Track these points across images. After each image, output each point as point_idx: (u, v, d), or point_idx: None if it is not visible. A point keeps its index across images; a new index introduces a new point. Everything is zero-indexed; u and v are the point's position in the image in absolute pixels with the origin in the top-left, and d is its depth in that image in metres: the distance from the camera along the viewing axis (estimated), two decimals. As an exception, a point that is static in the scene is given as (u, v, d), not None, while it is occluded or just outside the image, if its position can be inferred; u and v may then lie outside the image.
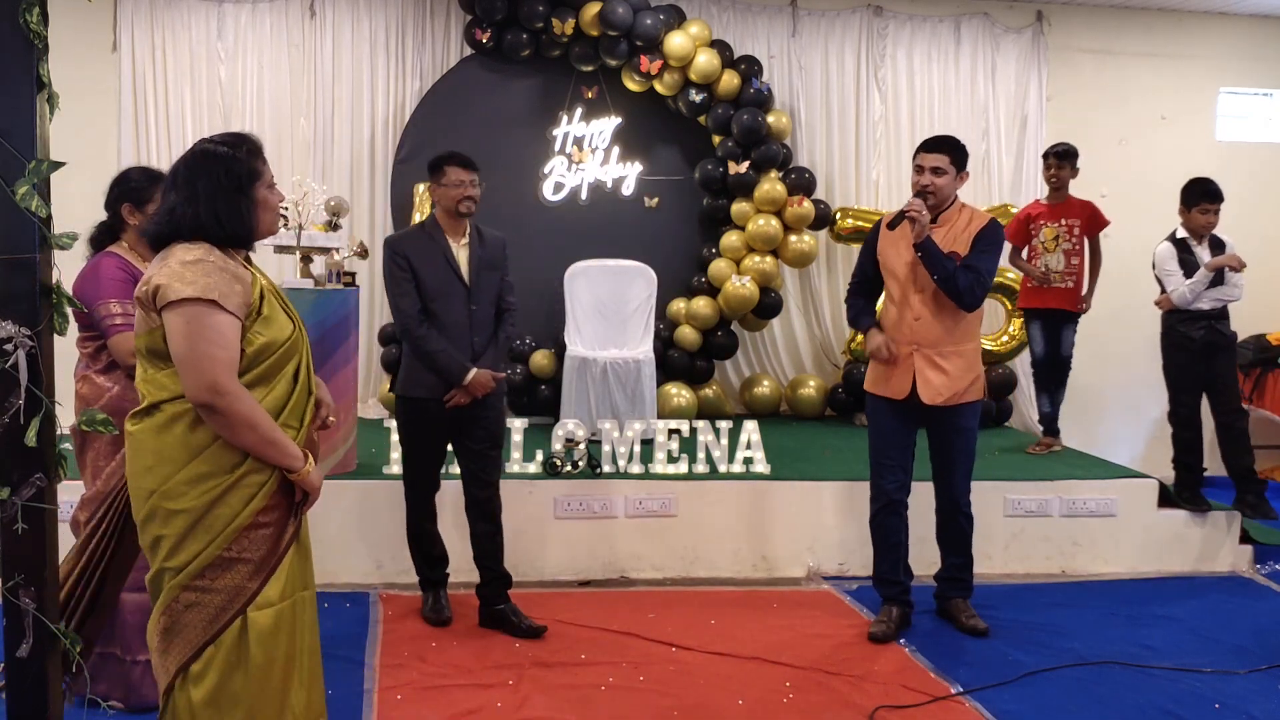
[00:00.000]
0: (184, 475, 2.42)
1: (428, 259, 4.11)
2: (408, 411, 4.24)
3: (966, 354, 4.21)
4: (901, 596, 4.39)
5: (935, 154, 4.13)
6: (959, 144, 4.21)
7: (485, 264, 4.18)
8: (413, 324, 4.08)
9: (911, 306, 4.15)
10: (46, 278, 2.33)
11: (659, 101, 6.88)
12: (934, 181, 4.10)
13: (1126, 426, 7.59)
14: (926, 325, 4.14)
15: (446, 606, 4.34)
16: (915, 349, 4.15)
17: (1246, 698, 3.82)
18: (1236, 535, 5.41)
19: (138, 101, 6.66)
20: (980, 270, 4.08)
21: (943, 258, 4.05)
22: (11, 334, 2.20)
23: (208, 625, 2.45)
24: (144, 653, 3.29)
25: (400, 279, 4.10)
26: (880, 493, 4.33)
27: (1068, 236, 5.91)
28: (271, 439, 2.46)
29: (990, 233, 4.15)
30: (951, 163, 4.12)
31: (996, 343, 6.99)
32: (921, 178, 4.13)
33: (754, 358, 7.30)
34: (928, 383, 4.14)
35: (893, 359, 4.18)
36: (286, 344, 2.54)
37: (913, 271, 4.14)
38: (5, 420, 2.22)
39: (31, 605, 2.30)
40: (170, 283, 2.38)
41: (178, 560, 2.43)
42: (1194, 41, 7.58)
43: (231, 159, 2.51)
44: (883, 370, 4.24)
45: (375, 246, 6.77)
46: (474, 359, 4.11)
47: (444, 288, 4.11)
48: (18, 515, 2.27)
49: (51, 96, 2.30)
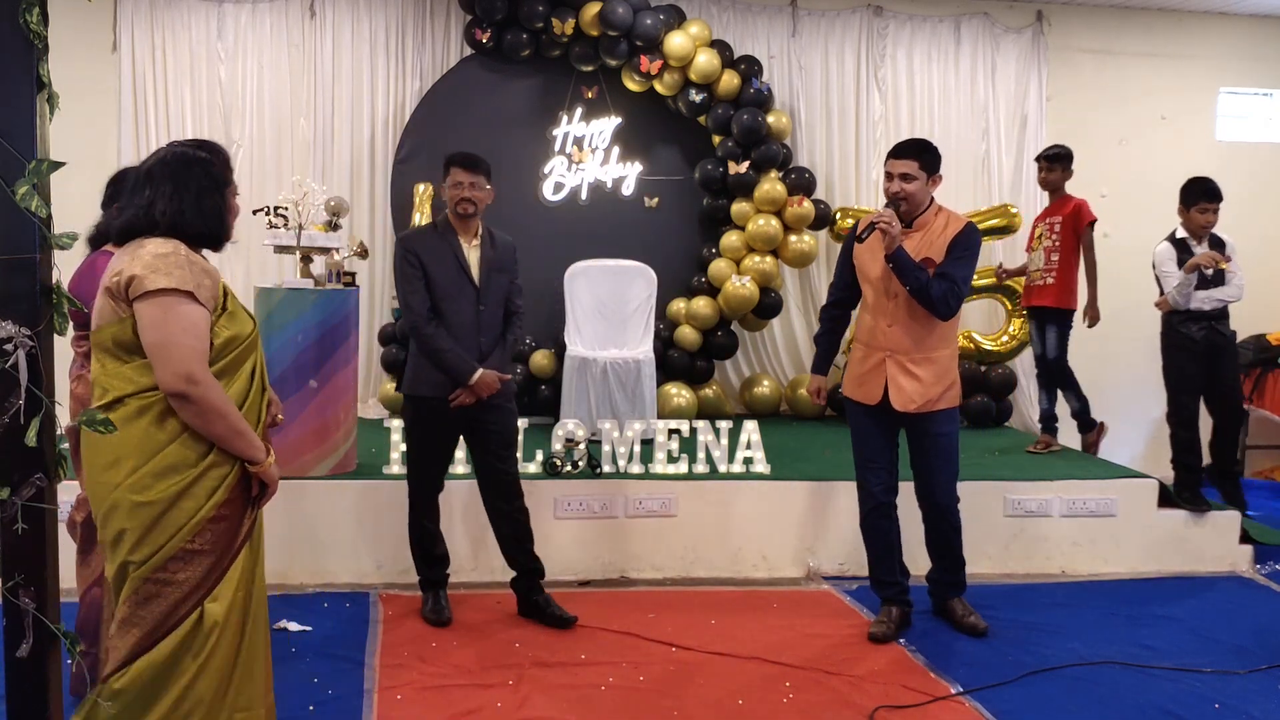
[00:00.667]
0: (150, 468, 2.47)
1: (439, 258, 4.12)
2: (414, 410, 4.25)
3: (940, 360, 4.16)
4: (900, 596, 4.38)
5: (903, 160, 4.06)
6: (928, 147, 4.13)
7: (495, 266, 4.20)
8: (421, 322, 4.10)
9: (885, 313, 4.13)
10: (46, 278, 2.33)
11: (659, 101, 6.88)
12: (904, 188, 4.04)
13: (1126, 426, 7.58)
14: (899, 332, 4.10)
15: (446, 607, 4.35)
16: (888, 355, 4.12)
17: (1246, 698, 3.82)
18: (1236, 535, 5.41)
19: (138, 101, 6.66)
20: (954, 278, 4.01)
21: (914, 268, 4.00)
22: (11, 334, 2.20)
23: (166, 616, 2.49)
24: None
25: (411, 276, 4.11)
26: (867, 495, 4.32)
27: (1049, 234, 5.89)
28: (240, 429, 2.56)
29: (965, 239, 4.08)
30: (921, 168, 4.05)
31: (996, 343, 6.99)
32: (891, 185, 4.07)
33: (754, 358, 7.30)
34: (900, 389, 4.11)
35: (816, 399, 4.50)
36: (248, 340, 2.66)
37: (886, 279, 4.10)
38: (5, 420, 2.22)
39: (31, 605, 2.30)
40: (146, 273, 2.45)
41: (141, 553, 2.48)
42: (1194, 41, 7.58)
43: (211, 164, 2.65)
44: (857, 375, 4.24)
45: (375, 246, 6.78)
46: (481, 359, 4.13)
47: (454, 288, 4.12)
48: (18, 515, 2.27)
49: (51, 96, 2.30)
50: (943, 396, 4.14)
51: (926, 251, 4.07)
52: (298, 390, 4.83)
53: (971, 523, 5.15)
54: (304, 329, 4.83)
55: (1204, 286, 5.45)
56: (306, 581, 4.78)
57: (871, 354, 4.17)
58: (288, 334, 4.83)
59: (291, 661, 3.91)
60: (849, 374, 4.32)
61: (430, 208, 6.61)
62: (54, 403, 2.34)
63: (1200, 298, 5.44)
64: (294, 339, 4.83)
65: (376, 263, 6.83)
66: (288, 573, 4.77)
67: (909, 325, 4.09)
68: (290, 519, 4.78)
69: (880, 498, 4.29)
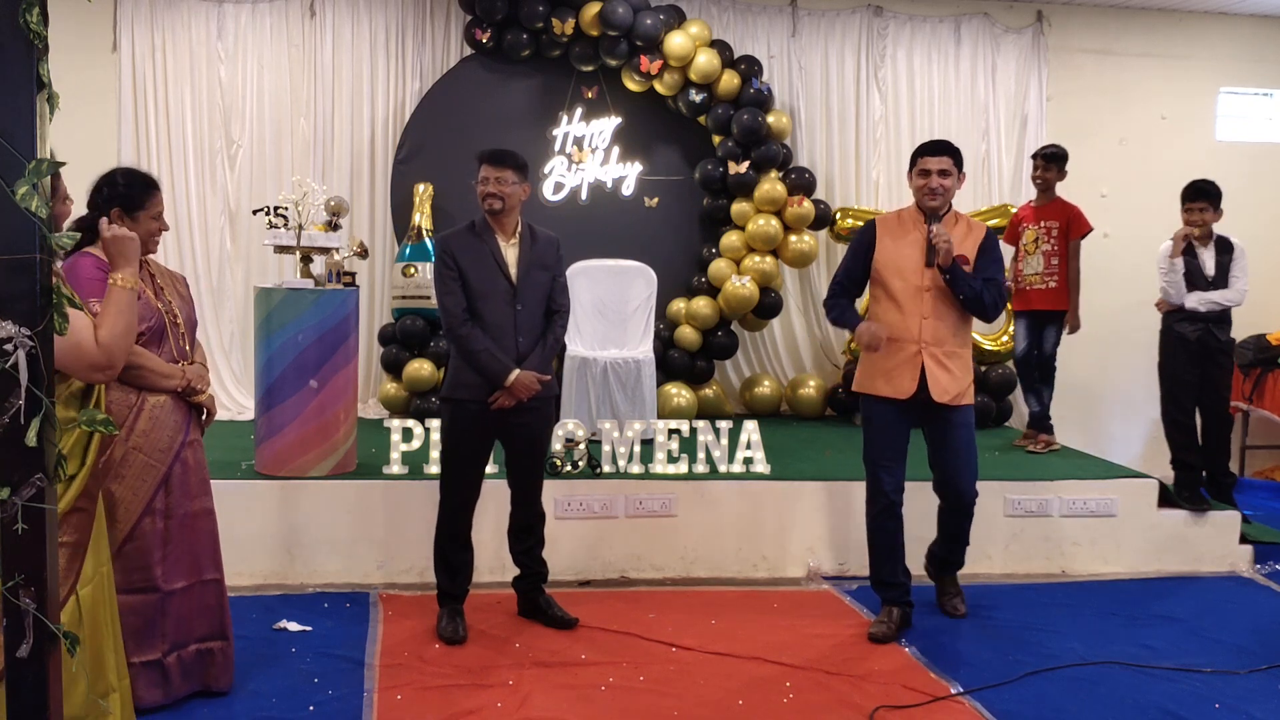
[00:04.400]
0: None
1: (475, 257, 4.04)
2: (451, 413, 4.13)
3: (966, 355, 4.29)
4: (902, 598, 4.38)
5: (941, 156, 4.18)
6: (957, 147, 4.28)
7: (535, 264, 4.10)
8: (456, 323, 4.01)
9: (921, 306, 4.16)
10: (46, 278, 2.32)
11: (659, 101, 6.88)
12: (942, 184, 4.15)
13: (1126, 426, 7.60)
14: (935, 325, 4.16)
15: (463, 624, 4.17)
16: (923, 348, 4.15)
17: (1246, 698, 3.82)
18: (1236, 535, 5.41)
19: (138, 101, 6.67)
20: (1000, 285, 4.22)
21: (969, 279, 4.13)
22: (11, 334, 2.20)
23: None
24: (138, 654, 3.29)
25: (447, 277, 4.03)
26: (879, 494, 4.30)
27: (1046, 238, 5.90)
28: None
29: (994, 243, 4.28)
30: (954, 164, 4.19)
31: (996, 343, 6.99)
32: (930, 181, 4.16)
33: (754, 358, 7.30)
34: (936, 381, 4.15)
35: (879, 346, 4.16)
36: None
37: (919, 274, 4.16)
38: (5, 420, 2.22)
39: (31, 605, 2.30)
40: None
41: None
42: (1194, 41, 7.58)
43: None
44: (882, 370, 4.22)
45: (375, 246, 6.79)
46: (518, 360, 4.03)
47: (489, 287, 4.03)
48: (18, 515, 2.27)
49: (51, 96, 2.30)
50: (968, 390, 4.25)
51: (959, 248, 4.17)
52: (298, 390, 4.83)
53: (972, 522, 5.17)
54: (304, 329, 4.83)
55: (1204, 287, 5.47)
56: (306, 581, 4.78)
57: (904, 347, 4.17)
58: (288, 334, 4.83)
59: (291, 661, 3.91)
60: (869, 370, 4.28)
61: (430, 207, 6.62)
62: (54, 403, 2.34)
63: (1196, 299, 5.46)
64: (294, 339, 4.83)
65: (376, 263, 6.83)
66: (288, 573, 4.77)
67: (946, 318, 4.18)
68: (290, 519, 4.79)
69: (892, 497, 4.28)
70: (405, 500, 4.85)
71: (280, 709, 3.52)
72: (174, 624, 3.40)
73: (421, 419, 5.22)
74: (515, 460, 4.25)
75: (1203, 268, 5.51)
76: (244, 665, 3.75)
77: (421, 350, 6.47)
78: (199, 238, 6.77)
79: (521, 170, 4.09)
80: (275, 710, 3.50)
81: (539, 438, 4.25)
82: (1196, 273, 5.51)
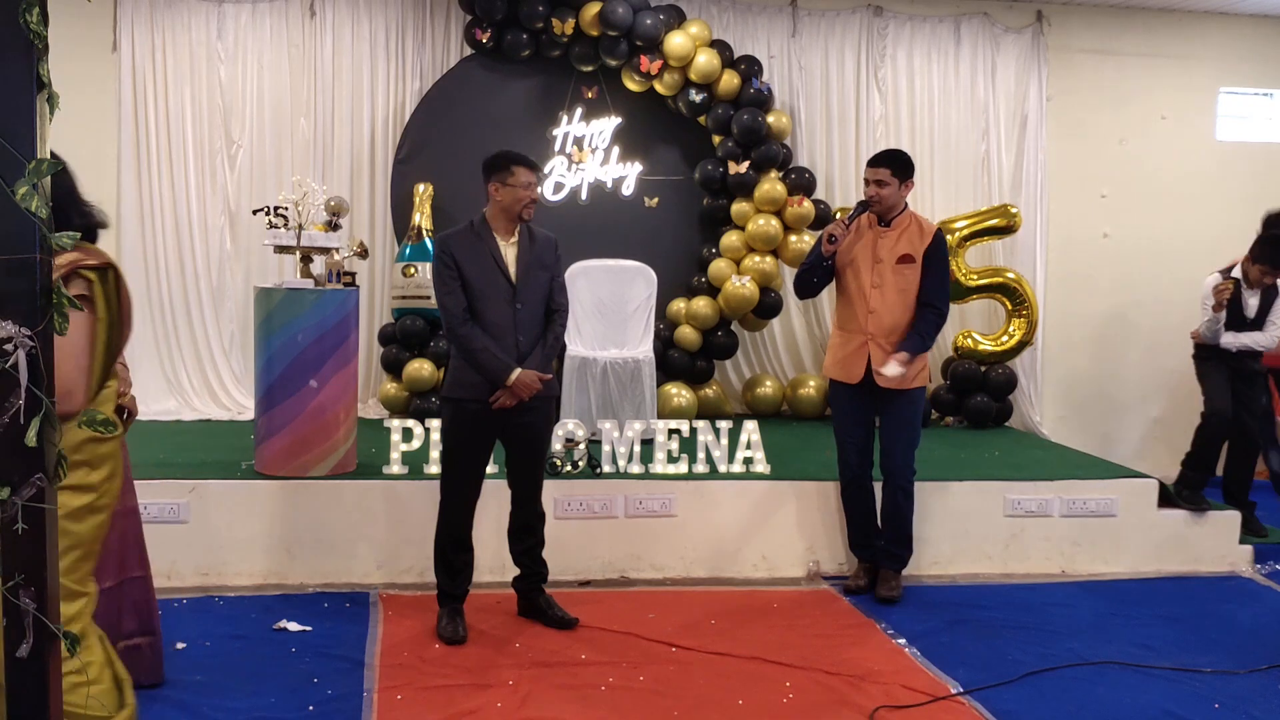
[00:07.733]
0: None
1: (474, 257, 4.05)
2: (452, 413, 4.14)
3: None
4: (875, 557, 4.84)
5: (877, 168, 4.63)
6: (900, 157, 4.67)
7: (535, 263, 4.11)
8: (456, 323, 4.02)
9: (867, 300, 4.61)
10: (46, 278, 2.32)
11: (659, 101, 6.88)
12: (878, 192, 4.60)
13: (1126, 426, 7.60)
14: (879, 319, 4.60)
15: (463, 624, 4.19)
16: (869, 339, 4.60)
17: (1246, 698, 3.82)
18: (1236, 535, 5.42)
19: (138, 101, 6.67)
20: (936, 304, 4.61)
21: (913, 352, 4.53)
22: (11, 334, 2.20)
23: None
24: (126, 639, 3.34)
25: (447, 277, 4.04)
26: (846, 468, 4.81)
27: None
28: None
29: (938, 249, 4.62)
30: (893, 174, 4.59)
31: (996, 343, 6.99)
32: (868, 189, 4.64)
33: (754, 358, 7.30)
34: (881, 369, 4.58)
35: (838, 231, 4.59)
36: None
37: (871, 268, 4.61)
38: (5, 420, 2.22)
39: (31, 605, 2.30)
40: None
41: None
42: (1194, 41, 7.57)
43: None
44: (839, 359, 4.72)
45: (375, 246, 6.79)
46: (519, 359, 4.04)
47: (489, 287, 4.04)
48: (18, 515, 2.27)
49: (51, 96, 2.30)
50: (917, 376, 4.65)
51: (906, 248, 4.59)
52: (298, 390, 4.83)
53: (972, 523, 5.18)
54: (304, 329, 4.83)
55: (1241, 327, 5.49)
56: (306, 581, 4.78)
57: (854, 338, 4.66)
58: (288, 334, 4.83)
59: (291, 661, 3.91)
60: (831, 358, 4.81)
61: (430, 207, 6.62)
62: (54, 403, 2.34)
63: (1230, 338, 5.50)
64: (294, 339, 4.83)
65: (376, 263, 6.83)
66: (287, 573, 4.77)
67: (890, 312, 4.60)
68: (290, 519, 4.79)
69: (856, 470, 4.79)
70: (405, 500, 4.85)
71: (280, 709, 3.52)
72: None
73: (421, 419, 5.23)
74: (515, 460, 4.25)
75: (1245, 308, 5.53)
76: (244, 665, 3.75)
77: (421, 350, 6.47)
78: (199, 238, 6.77)
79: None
80: (275, 710, 3.51)
81: (539, 438, 4.26)
82: (1237, 311, 5.53)
